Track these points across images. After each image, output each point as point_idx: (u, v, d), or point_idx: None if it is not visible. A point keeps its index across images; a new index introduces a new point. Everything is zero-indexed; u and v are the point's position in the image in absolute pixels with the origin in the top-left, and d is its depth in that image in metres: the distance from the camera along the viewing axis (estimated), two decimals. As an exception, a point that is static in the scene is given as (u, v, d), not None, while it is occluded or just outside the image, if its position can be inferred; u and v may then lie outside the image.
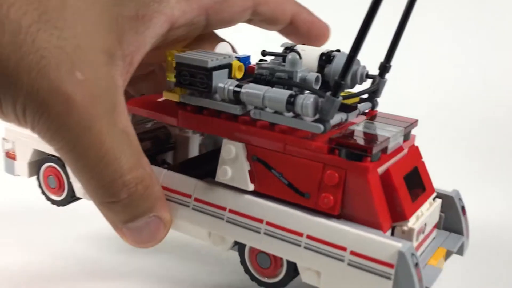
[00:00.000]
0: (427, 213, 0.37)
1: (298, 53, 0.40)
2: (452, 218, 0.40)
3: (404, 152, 0.37)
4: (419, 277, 0.32)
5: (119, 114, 0.34)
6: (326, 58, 0.39)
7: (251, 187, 0.37)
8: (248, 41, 0.57)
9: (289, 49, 0.41)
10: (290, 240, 0.35)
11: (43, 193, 0.48)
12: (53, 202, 0.48)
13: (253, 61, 0.42)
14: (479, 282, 0.45)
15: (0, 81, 0.30)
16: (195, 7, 0.39)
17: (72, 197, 0.46)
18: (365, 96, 0.40)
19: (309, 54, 0.40)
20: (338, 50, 0.40)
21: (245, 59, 0.41)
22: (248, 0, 0.43)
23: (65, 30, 0.31)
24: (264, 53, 0.42)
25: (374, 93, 0.41)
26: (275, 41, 0.45)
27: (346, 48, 0.34)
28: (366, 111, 0.40)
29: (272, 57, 0.39)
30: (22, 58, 0.30)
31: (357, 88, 0.41)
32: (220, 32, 0.46)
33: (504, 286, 0.45)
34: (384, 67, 0.40)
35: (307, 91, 0.35)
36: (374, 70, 0.41)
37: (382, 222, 0.34)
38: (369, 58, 0.41)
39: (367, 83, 0.41)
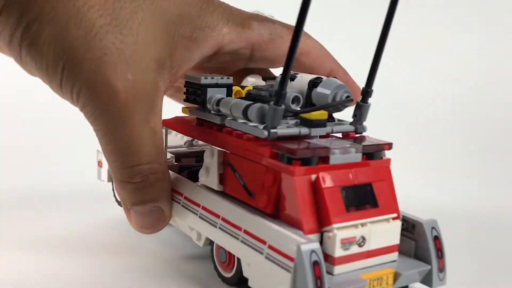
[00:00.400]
0: (369, 228, 0.37)
1: (293, 78, 0.44)
2: (422, 246, 0.39)
3: (359, 168, 0.38)
4: (317, 275, 0.33)
5: (153, 114, 0.41)
6: (312, 84, 0.43)
7: (220, 187, 0.42)
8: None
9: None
10: (233, 234, 0.38)
11: (114, 195, 0.59)
12: (119, 203, 0.58)
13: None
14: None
15: (68, 65, 0.38)
16: (243, 39, 0.45)
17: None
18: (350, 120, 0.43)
19: (303, 79, 0.44)
20: (335, 78, 0.43)
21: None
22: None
23: (128, 36, 0.38)
24: (264, 78, 0.47)
25: (358, 117, 0.42)
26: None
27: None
28: (343, 132, 0.42)
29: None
30: (88, 50, 0.38)
31: (345, 113, 0.43)
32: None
33: None
34: (366, 92, 0.42)
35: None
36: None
37: (303, 223, 0.35)
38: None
39: (352, 108, 0.43)
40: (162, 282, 0.43)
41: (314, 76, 0.43)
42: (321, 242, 0.36)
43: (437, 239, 0.39)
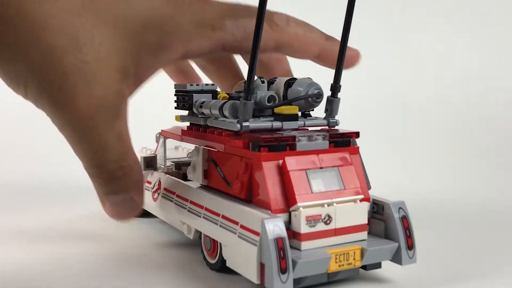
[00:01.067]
0: (335, 207, 0.39)
1: (272, 82, 0.48)
2: (390, 226, 0.41)
3: (325, 154, 0.41)
4: (280, 246, 0.36)
5: (118, 119, 0.43)
6: (287, 84, 0.47)
7: (204, 182, 0.46)
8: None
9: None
10: (213, 220, 0.42)
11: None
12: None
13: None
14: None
15: (29, 87, 0.39)
16: (212, 42, 0.44)
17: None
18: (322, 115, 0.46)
19: (280, 81, 0.48)
20: (310, 78, 0.47)
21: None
22: (270, 41, 0.46)
23: (89, 54, 0.39)
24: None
25: (329, 112, 0.46)
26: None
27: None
28: (315, 126, 0.45)
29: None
30: (48, 73, 0.38)
31: (318, 110, 0.47)
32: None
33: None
34: (335, 87, 0.45)
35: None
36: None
37: (271, 203, 0.39)
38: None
39: (323, 104, 0.46)
40: (150, 267, 0.47)
41: (286, 78, 0.47)
42: (290, 222, 0.39)
43: (404, 218, 0.41)
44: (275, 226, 0.36)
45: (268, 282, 0.36)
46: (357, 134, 0.43)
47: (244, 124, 0.42)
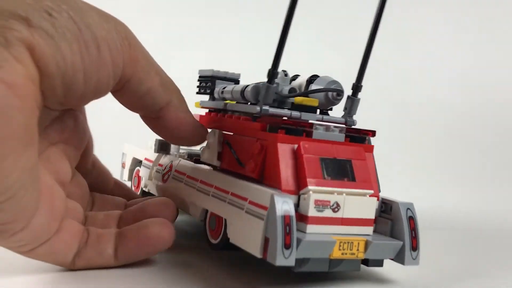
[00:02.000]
0: (344, 197, 0.40)
1: (295, 78, 0.49)
2: (397, 225, 0.41)
3: (340, 146, 0.42)
4: (287, 222, 0.36)
5: None
6: (309, 81, 0.47)
7: (217, 163, 0.46)
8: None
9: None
10: (222, 198, 0.42)
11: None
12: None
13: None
14: None
15: None
16: None
17: (143, 193, 0.60)
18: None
19: (302, 78, 0.48)
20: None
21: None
22: None
23: None
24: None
25: (348, 111, 0.46)
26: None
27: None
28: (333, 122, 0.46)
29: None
30: None
31: (336, 109, 0.47)
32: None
33: None
34: (356, 87, 0.46)
35: None
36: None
37: (282, 182, 0.39)
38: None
39: (343, 103, 0.47)
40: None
41: (312, 74, 0.48)
42: (298, 205, 0.39)
43: (411, 219, 0.41)
44: (284, 203, 0.36)
45: (270, 257, 0.36)
46: (373, 133, 0.44)
47: (264, 107, 0.42)
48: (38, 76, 0.33)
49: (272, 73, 0.41)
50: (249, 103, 0.44)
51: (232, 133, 0.46)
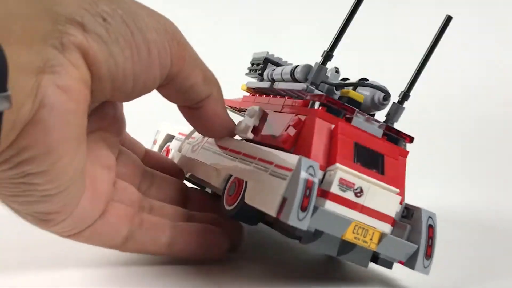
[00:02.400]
0: (369, 185, 0.39)
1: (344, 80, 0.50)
2: (415, 230, 0.40)
3: (376, 139, 0.42)
4: (309, 185, 0.35)
5: None
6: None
7: (250, 135, 0.46)
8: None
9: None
10: (247, 162, 0.42)
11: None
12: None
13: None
14: None
15: None
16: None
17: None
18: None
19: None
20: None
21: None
22: None
23: None
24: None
25: (390, 116, 0.46)
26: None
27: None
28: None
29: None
30: None
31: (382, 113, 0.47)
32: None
33: None
34: (404, 95, 0.46)
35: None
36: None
37: (311, 155, 0.39)
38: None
39: (387, 108, 0.47)
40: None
41: (361, 77, 0.48)
42: (322, 181, 0.39)
43: (431, 227, 0.40)
44: (310, 167, 0.36)
45: (284, 216, 0.35)
46: (411, 139, 0.43)
47: (310, 86, 0.43)
48: (90, 79, 0.35)
49: (327, 55, 0.42)
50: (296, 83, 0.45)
51: (273, 111, 0.46)
